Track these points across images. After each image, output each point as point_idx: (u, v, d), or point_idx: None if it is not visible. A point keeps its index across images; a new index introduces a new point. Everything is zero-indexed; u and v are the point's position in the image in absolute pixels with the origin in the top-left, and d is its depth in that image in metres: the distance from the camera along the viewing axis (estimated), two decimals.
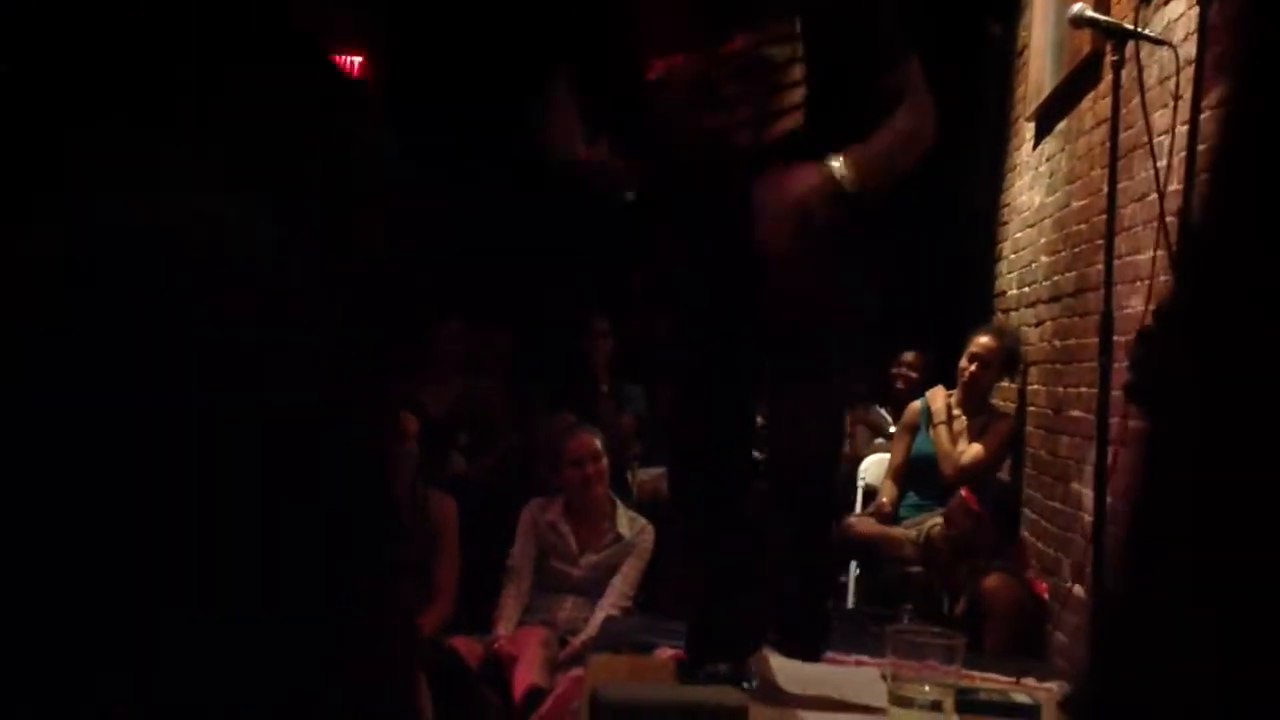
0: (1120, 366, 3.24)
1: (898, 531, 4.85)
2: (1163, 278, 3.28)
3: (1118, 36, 3.04)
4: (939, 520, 4.67)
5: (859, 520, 5.02)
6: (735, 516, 2.59)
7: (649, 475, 5.45)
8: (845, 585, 5.01)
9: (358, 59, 7.30)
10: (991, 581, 4.32)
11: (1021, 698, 2.42)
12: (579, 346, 5.89)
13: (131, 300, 0.70)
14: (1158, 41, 3.17)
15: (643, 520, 4.51)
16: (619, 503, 4.57)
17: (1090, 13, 3.24)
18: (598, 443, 4.53)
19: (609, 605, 4.30)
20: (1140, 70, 3.22)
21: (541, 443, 5.20)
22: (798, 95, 2.42)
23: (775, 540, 2.62)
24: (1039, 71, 5.08)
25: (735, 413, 2.62)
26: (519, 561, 4.41)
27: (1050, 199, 4.95)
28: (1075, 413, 4.27)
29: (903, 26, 2.55)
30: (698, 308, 2.54)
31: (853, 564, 5.03)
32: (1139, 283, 3.51)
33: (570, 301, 6.28)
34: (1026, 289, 5.32)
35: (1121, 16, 3.77)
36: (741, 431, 2.66)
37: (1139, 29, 3.05)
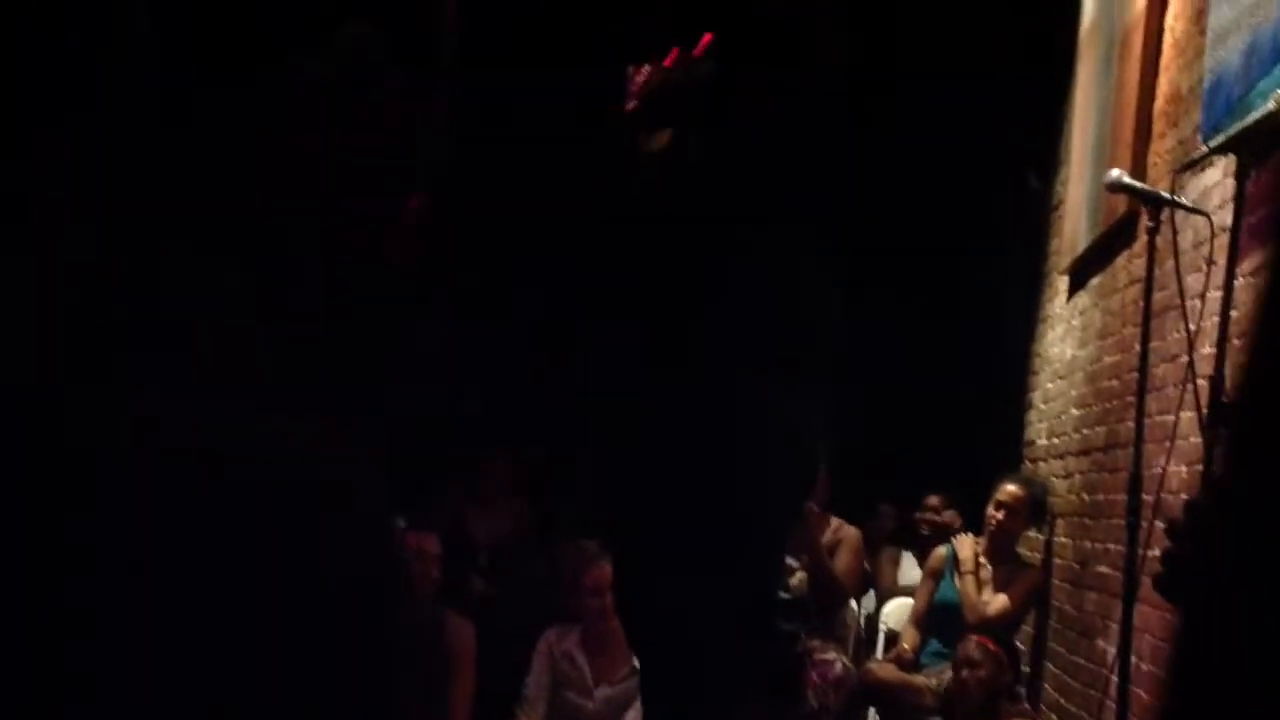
0: (1147, 525, 3.24)
1: (919, 679, 4.79)
2: (1192, 439, 3.28)
3: (1153, 203, 3.09)
4: None
5: (879, 665, 4.97)
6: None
7: None
8: None
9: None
10: None
11: None
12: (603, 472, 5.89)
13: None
14: (1193, 210, 3.22)
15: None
16: None
17: (1127, 179, 3.30)
18: None
19: None
20: (1175, 234, 3.26)
21: (565, 570, 5.19)
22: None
23: None
24: (1074, 227, 5.15)
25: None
26: (534, 692, 4.37)
27: (1082, 352, 4.98)
28: (1102, 569, 4.24)
29: None
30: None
31: (871, 710, 4.96)
32: (1168, 443, 3.51)
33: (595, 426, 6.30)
34: (1056, 440, 5.32)
35: (1157, 181, 3.83)
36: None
37: (1174, 195, 3.10)
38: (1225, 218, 3.20)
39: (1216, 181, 3.43)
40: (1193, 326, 3.21)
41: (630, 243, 2.51)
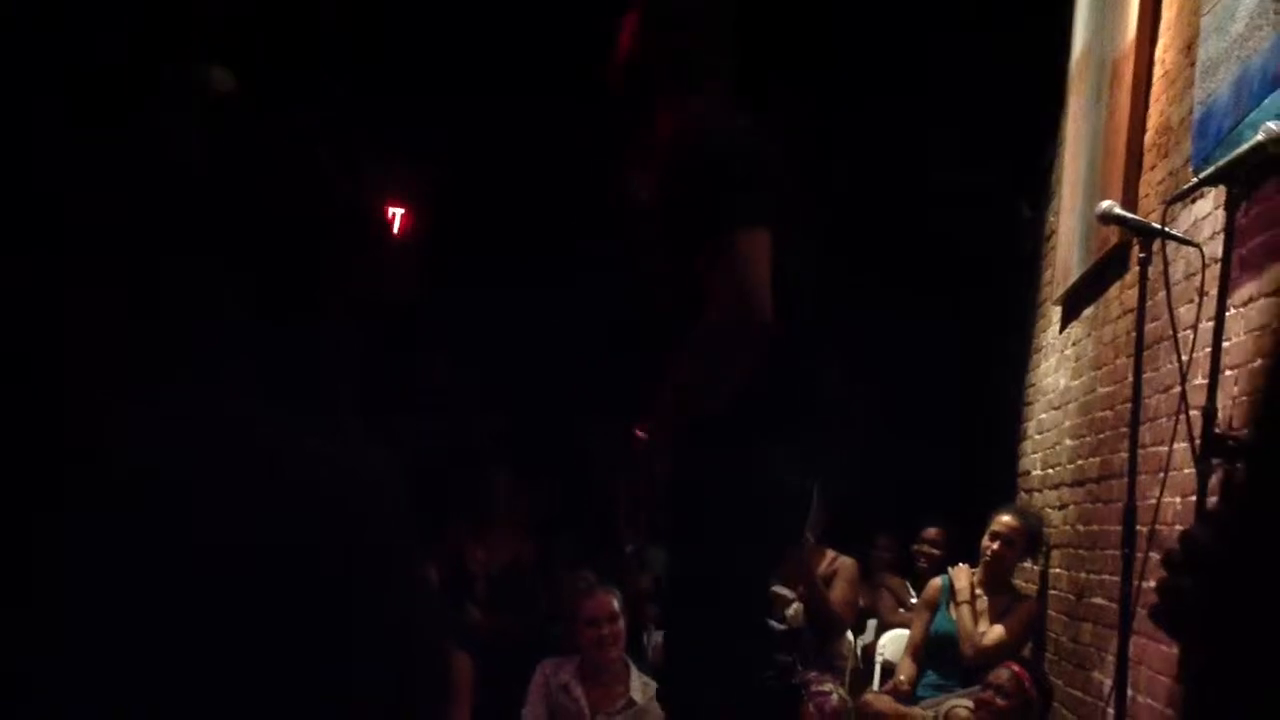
0: (1141, 556, 3.23)
1: (915, 712, 4.77)
2: (1186, 471, 3.29)
3: (1145, 234, 3.11)
4: (958, 702, 4.60)
5: (876, 698, 4.95)
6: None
7: None
8: None
9: (400, 211, 7.48)
10: None
11: None
12: (606, 503, 5.87)
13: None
14: (1185, 241, 3.23)
15: (657, 685, 4.45)
16: (633, 666, 4.52)
17: (1118, 210, 3.31)
18: (615, 604, 4.50)
19: None
20: (1166, 265, 3.28)
21: (563, 601, 5.18)
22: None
23: None
24: (1067, 257, 5.16)
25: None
26: None
27: (1076, 383, 4.99)
28: (1098, 600, 4.23)
29: (740, 194, 2.40)
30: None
31: None
32: (1162, 474, 3.52)
33: (603, 455, 6.30)
34: (1050, 471, 5.32)
35: (1148, 212, 3.85)
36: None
37: (1166, 227, 3.11)
38: (1216, 249, 3.21)
39: (1208, 213, 3.45)
40: (1185, 357, 3.22)
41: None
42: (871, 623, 5.87)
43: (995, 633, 4.84)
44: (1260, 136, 2.53)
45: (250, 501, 0.71)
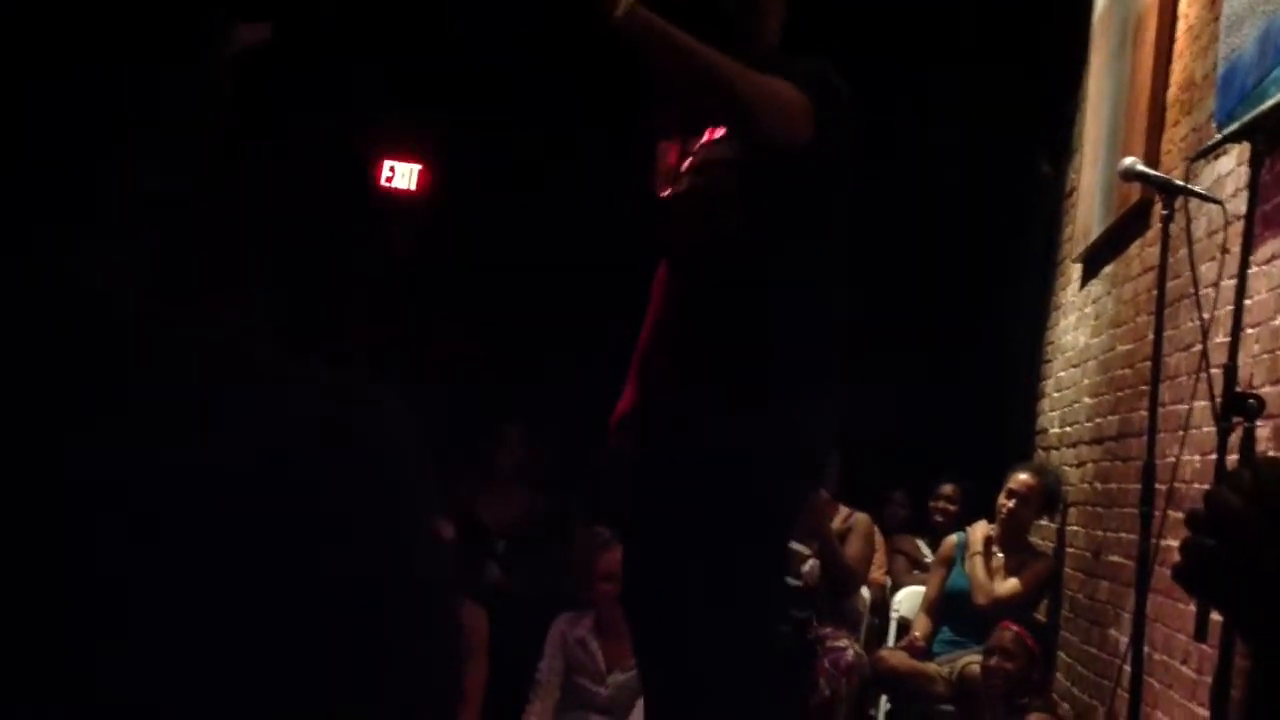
0: (1159, 514, 3.23)
1: (930, 667, 4.80)
2: (1205, 428, 3.27)
3: (1167, 190, 3.08)
4: (973, 658, 4.61)
5: (891, 653, 4.97)
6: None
7: None
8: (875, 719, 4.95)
9: (417, 167, 7.46)
10: None
11: None
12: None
13: None
14: (1207, 198, 3.20)
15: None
16: None
17: (1141, 167, 3.28)
18: None
19: None
20: (1189, 223, 3.25)
21: (578, 557, 5.19)
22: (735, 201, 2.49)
23: None
24: (1087, 214, 5.13)
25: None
26: (546, 677, 4.38)
27: (1095, 341, 4.97)
28: (1115, 558, 4.23)
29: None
30: None
31: (883, 698, 4.97)
32: (1181, 432, 3.51)
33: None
34: (1069, 429, 5.31)
35: (1170, 168, 3.82)
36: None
37: (1189, 184, 3.08)
38: (1239, 206, 3.18)
39: (1230, 169, 3.42)
40: (1206, 315, 3.20)
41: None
42: (887, 579, 5.88)
43: (1009, 584, 4.85)
44: None
45: (251, 426, 0.70)
